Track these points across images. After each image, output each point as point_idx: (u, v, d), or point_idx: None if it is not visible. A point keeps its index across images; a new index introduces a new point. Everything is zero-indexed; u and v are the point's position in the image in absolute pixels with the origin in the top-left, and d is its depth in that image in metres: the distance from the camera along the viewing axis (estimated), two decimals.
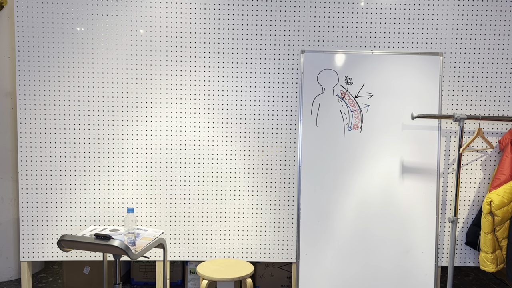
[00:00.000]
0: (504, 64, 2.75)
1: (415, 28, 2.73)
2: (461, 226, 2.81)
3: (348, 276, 2.68)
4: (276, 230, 2.80)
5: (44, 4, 2.64)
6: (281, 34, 2.72)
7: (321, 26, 2.73)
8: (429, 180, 2.69)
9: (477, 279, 3.44)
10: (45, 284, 3.22)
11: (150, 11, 2.68)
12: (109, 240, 2.03)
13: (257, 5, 2.70)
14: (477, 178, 2.79)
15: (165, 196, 2.77)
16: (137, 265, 3.19)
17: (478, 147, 2.77)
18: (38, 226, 2.74)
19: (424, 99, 2.68)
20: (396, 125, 2.67)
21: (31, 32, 2.66)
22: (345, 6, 2.72)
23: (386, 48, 2.74)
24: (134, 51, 2.70)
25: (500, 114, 2.77)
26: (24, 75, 2.67)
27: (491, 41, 2.74)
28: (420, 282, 2.68)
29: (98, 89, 2.71)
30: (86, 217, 2.76)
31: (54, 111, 2.70)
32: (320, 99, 2.68)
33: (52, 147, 2.71)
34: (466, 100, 2.77)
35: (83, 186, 2.74)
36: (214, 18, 2.71)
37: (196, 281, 3.06)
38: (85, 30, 2.67)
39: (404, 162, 2.68)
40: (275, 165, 2.77)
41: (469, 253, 2.83)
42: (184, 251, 2.81)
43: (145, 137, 2.74)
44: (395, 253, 2.68)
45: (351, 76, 2.67)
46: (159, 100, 2.73)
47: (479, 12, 2.72)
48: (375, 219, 2.67)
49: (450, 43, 2.73)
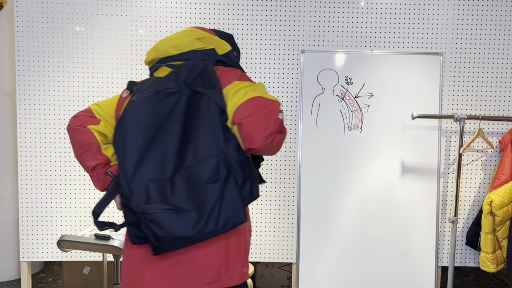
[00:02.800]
0: (504, 64, 2.74)
1: (415, 28, 2.73)
2: (462, 226, 2.81)
3: (348, 276, 2.67)
4: (276, 230, 2.80)
5: (44, 4, 2.64)
6: (281, 34, 2.72)
7: (321, 26, 2.73)
8: (429, 180, 2.68)
9: (477, 279, 3.44)
10: (45, 284, 3.22)
11: (150, 11, 2.68)
12: (109, 240, 2.03)
13: (257, 5, 2.70)
14: (478, 178, 2.79)
15: None
16: None
17: (478, 147, 2.77)
18: (38, 226, 2.74)
19: (424, 99, 2.68)
20: (396, 125, 2.67)
21: (31, 32, 2.65)
22: (345, 6, 2.71)
23: (386, 48, 2.74)
24: (134, 51, 2.69)
25: (500, 114, 2.77)
26: (24, 75, 2.67)
27: (491, 42, 2.73)
28: (420, 282, 2.68)
29: (98, 89, 2.70)
30: (86, 217, 2.76)
31: (54, 111, 2.70)
32: (320, 99, 2.68)
33: (52, 147, 2.71)
34: (467, 100, 2.76)
35: (83, 186, 2.74)
36: (214, 18, 2.70)
37: None
38: (85, 30, 2.67)
39: (404, 162, 2.68)
40: (275, 165, 2.77)
41: (470, 253, 2.82)
42: None
43: None
44: (395, 253, 2.67)
45: (351, 76, 2.67)
46: None
47: (479, 12, 2.72)
48: (375, 219, 2.67)
49: (450, 43, 2.73)
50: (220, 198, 1.26)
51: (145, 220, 1.26)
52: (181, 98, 1.32)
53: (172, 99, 1.32)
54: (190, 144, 1.29)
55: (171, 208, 1.25)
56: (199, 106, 1.31)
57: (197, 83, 1.34)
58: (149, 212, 1.25)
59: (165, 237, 1.24)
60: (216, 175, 1.26)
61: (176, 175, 1.27)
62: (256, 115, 1.26)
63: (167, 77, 1.38)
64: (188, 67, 1.38)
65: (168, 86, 1.34)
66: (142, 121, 1.31)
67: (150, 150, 1.29)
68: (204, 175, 1.26)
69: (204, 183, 1.25)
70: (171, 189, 1.27)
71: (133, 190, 1.28)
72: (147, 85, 1.38)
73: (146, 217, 1.25)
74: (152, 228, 1.25)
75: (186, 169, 1.27)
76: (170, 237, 1.24)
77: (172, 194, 1.26)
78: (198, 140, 1.28)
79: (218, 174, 1.26)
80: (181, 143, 1.30)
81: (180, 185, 1.26)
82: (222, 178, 1.27)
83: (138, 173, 1.28)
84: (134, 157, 1.29)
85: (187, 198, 1.25)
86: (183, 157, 1.28)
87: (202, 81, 1.35)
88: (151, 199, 1.26)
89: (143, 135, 1.30)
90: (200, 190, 1.25)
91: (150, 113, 1.31)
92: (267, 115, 1.27)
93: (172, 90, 1.33)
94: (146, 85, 1.38)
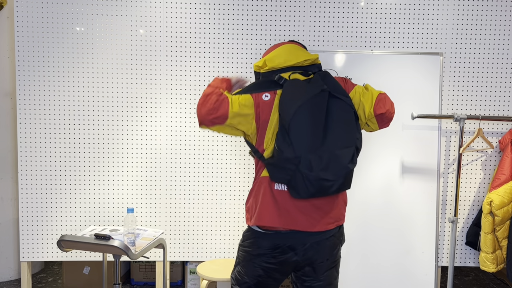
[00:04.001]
0: (504, 64, 2.75)
1: (415, 28, 2.73)
2: (461, 226, 2.81)
3: (348, 276, 2.67)
4: None
5: (44, 4, 2.64)
6: (281, 34, 2.72)
7: (321, 26, 2.73)
8: (429, 180, 2.69)
9: (477, 279, 3.44)
10: (45, 284, 3.22)
11: (150, 11, 2.68)
12: (109, 240, 2.03)
13: (257, 5, 2.70)
14: (477, 178, 2.79)
15: (165, 196, 2.77)
16: (137, 265, 3.19)
17: (478, 147, 2.77)
18: (38, 226, 2.74)
19: (424, 99, 2.68)
20: (396, 125, 2.67)
21: (31, 32, 2.65)
22: (345, 6, 2.72)
23: (386, 48, 2.74)
24: (134, 51, 2.69)
25: (500, 114, 2.77)
26: (24, 75, 2.67)
27: (491, 41, 2.74)
28: (420, 282, 2.68)
29: (98, 89, 2.70)
30: (86, 217, 2.76)
31: (54, 111, 2.70)
32: None
33: (52, 147, 2.71)
34: (466, 100, 2.76)
35: (83, 186, 2.74)
36: (214, 18, 2.70)
37: (196, 281, 3.06)
38: (85, 30, 2.67)
39: (404, 162, 2.68)
40: None
41: (469, 253, 2.82)
42: (184, 251, 2.81)
43: (145, 137, 2.74)
44: (395, 253, 2.67)
45: (351, 76, 2.67)
46: (159, 100, 2.72)
47: (479, 12, 2.72)
48: (375, 219, 2.67)
49: (450, 43, 2.73)
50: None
51: None
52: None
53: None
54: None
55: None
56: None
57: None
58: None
59: None
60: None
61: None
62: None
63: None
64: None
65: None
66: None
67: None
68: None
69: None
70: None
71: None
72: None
73: None
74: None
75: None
76: None
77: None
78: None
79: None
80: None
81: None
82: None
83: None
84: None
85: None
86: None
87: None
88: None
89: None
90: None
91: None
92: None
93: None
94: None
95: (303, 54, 1.78)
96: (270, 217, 1.68)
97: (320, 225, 1.69)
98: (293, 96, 1.64)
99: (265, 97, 1.69)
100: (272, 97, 1.68)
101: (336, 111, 1.66)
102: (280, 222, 1.67)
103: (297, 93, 1.64)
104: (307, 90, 1.65)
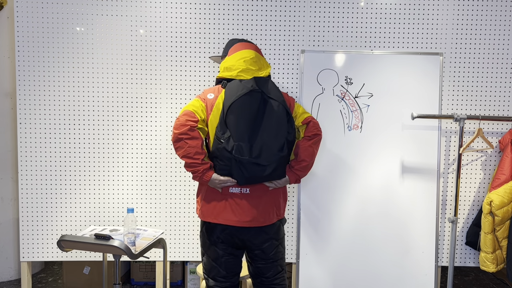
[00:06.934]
0: (504, 64, 2.75)
1: (415, 28, 2.73)
2: (461, 226, 2.81)
3: (348, 276, 2.67)
4: None
5: (44, 4, 2.64)
6: (281, 34, 2.72)
7: (321, 26, 2.73)
8: (429, 180, 2.69)
9: (477, 279, 3.44)
10: (45, 284, 3.22)
11: (150, 11, 2.68)
12: (109, 240, 2.03)
13: (257, 5, 2.70)
14: (477, 178, 2.79)
15: (165, 196, 2.77)
16: (137, 265, 3.19)
17: (478, 147, 2.77)
18: (38, 226, 2.74)
19: (424, 99, 2.68)
20: (396, 125, 2.67)
21: (31, 32, 2.65)
22: (345, 6, 2.72)
23: (386, 48, 2.74)
24: (134, 51, 2.69)
25: (500, 114, 2.77)
26: (24, 75, 2.67)
27: (491, 41, 2.74)
28: (420, 282, 2.68)
29: (98, 89, 2.70)
30: (86, 217, 2.76)
31: (54, 111, 2.70)
32: (320, 99, 2.68)
33: (52, 147, 2.71)
34: (466, 100, 2.77)
35: (83, 186, 2.74)
36: (214, 18, 2.70)
37: (196, 281, 3.06)
38: (85, 30, 2.67)
39: (404, 162, 2.68)
40: None
41: (469, 253, 2.82)
42: (184, 251, 2.81)
43: (145, 137, 2.74)
44: (395, 253, 2.68)
45: (351, 76, 2.67)
46: (159, 100, 2.73)
47: (479, 12, 2.72)
48: (375, 219, 2.67)
49: (450, 43, 2.73)
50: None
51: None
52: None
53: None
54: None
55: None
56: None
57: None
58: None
59: None
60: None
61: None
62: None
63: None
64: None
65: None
66: None
67: None
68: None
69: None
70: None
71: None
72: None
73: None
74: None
75: None
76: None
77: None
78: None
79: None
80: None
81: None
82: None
83: None
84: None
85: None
86: None
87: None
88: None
89: None
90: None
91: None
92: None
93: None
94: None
95: (257, 72, 2.02)
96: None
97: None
98: (230, 95, 1.94)
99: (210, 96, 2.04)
100: (216, 95, 2.02)
101: (268, 108, 1.94)
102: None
103: (234, 91, 1.94)
104: (240, 89, 1.94)
